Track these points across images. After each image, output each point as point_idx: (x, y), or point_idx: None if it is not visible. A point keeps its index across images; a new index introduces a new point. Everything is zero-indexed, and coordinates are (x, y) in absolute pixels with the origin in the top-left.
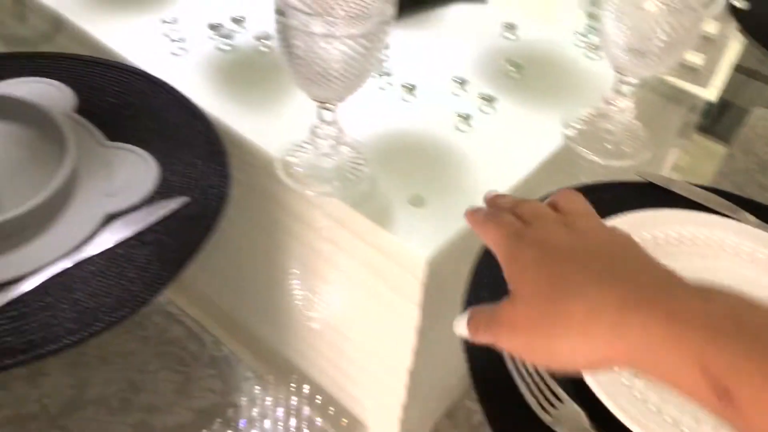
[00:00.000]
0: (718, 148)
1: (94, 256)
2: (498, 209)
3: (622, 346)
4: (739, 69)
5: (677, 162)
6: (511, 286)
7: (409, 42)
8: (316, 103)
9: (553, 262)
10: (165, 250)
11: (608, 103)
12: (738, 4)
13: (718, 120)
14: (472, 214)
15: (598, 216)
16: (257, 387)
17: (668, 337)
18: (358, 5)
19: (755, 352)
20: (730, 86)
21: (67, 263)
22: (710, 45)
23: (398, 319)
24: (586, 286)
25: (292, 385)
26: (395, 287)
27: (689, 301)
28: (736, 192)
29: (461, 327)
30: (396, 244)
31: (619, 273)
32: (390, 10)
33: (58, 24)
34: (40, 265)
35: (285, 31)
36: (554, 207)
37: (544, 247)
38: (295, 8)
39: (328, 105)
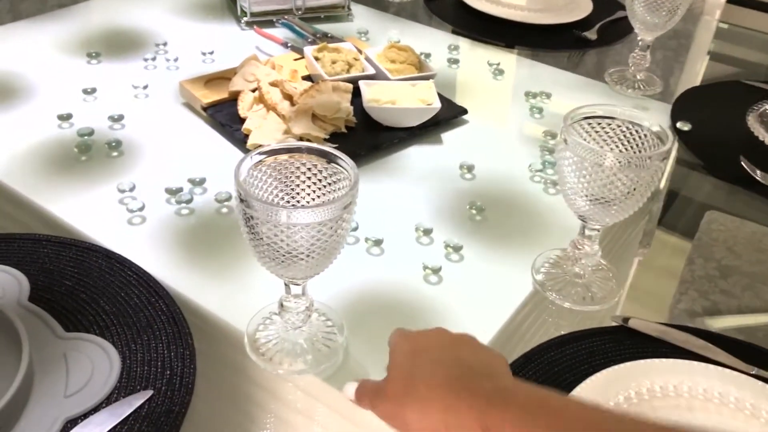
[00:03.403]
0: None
1: None
2: None
3: (443, 416)
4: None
5: (646, 260)
6: (388, 368)
7: (371, 191)
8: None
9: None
10: None
11: (576, 247)
12: (682, 127)
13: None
14: None
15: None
16: None
17: (464, 408)
18: (319, 187)
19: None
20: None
21: None
22: None
23: None
24: (433, 375)
25: None
26: None
27: (482, 384)
28: (701, 300)
29: (350, 392)
30: (372, 420)
31: (456, 369)
32: (356, 192)
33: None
34: None
35: (248, 220)
36: None
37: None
38: (259, 199)
39: (296, 281)
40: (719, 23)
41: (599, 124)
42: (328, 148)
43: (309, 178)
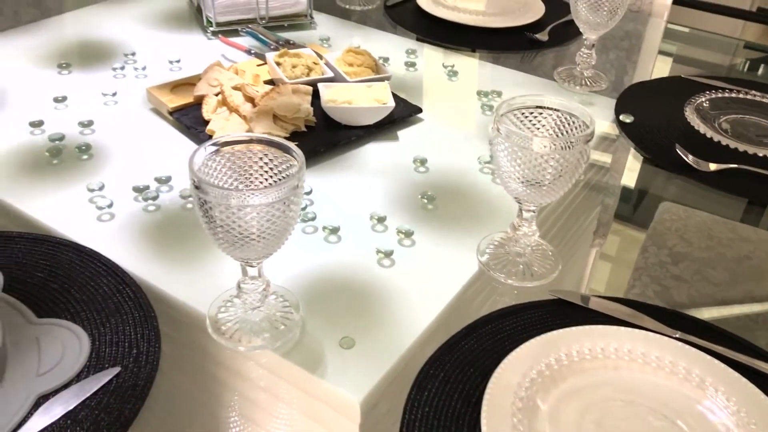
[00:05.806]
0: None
1: None
2: None
3: None
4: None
5: (605, 251)
6: None
7: (330, 185)
8: (239, 261)
9: None
10: (99, 426)
11: (515, 228)
12: (625, 119)
13: (637, 208)
14: None
15: None
16: None
17: None
18: (271, 175)
19: None
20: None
21: None
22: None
23: None
24: None
25: None
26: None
27: None
28: (653, 285)
29: None
30: (328, 390)
31: None
32: (302, 175)
33: None
34: None
35: (203, 204)
36: None
37: None
38: (212, 184)
39: (251, 262)
40: (667, 24)
41: (531, 113)
42: (277, 138)
43: (261, 167)
